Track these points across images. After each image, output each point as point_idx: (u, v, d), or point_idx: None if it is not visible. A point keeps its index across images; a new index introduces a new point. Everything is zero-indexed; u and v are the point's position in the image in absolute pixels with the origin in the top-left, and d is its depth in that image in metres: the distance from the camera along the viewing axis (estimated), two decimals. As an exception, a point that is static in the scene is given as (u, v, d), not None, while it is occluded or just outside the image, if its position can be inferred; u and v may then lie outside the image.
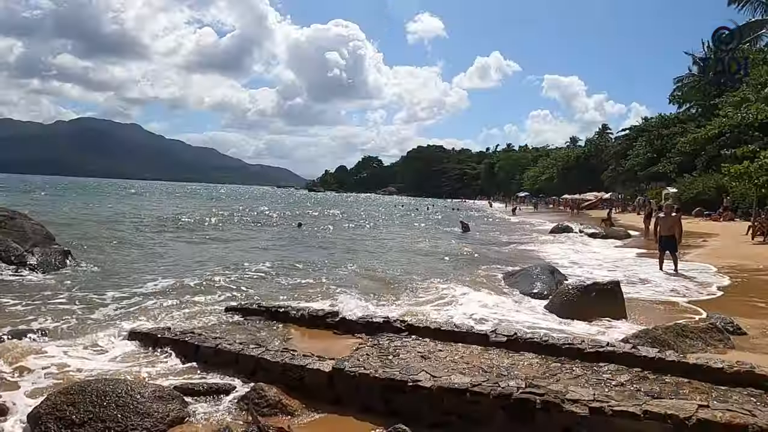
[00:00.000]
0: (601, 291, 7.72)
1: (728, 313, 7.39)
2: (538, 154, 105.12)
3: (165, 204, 42.66)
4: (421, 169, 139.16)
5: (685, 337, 5.72)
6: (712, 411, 3.15)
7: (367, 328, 5.60)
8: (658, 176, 43.02)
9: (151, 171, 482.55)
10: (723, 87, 40.72)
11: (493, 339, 5.00)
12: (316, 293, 8.58)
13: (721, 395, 3.80)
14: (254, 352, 4.55)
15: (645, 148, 48.20)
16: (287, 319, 6.12)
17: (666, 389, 3.93)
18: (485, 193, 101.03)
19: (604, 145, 72.14)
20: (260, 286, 9.12)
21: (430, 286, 9.39)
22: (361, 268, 11.74)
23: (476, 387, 3.63)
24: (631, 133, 57.34)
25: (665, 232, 11.71)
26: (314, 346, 5.27)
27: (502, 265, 12.55)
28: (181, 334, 5.19)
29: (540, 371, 4.35)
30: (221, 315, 6.55)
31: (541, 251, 16.94)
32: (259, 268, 10.86)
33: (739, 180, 20.68)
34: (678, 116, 48.87)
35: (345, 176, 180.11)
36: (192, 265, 11.15)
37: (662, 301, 8.66)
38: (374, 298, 8.28)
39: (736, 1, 35.89)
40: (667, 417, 3.12)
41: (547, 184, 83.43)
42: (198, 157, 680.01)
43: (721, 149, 31.20)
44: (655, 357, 4.35)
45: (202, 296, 7.92)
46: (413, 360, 4.58)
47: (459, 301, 8.28)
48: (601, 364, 4.44)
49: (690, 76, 48.39)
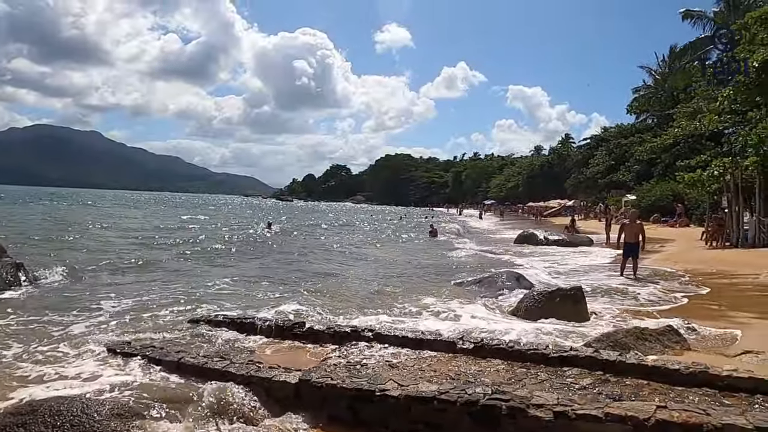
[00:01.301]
0: (564, 296, 7.91)
1: (684, 316, 7.69)
2: (503, 162, 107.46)
3: (128, 213, 41.40)
4: (389, 177, 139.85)
5: (645, 340, 5.90)
6: (670, 411, 3.25)
7: (334, 337, 5.55)
8: (618, 184, 44.53)
9: (113, 180, 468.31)
10: (677, 98, 42.67)
11: (461, 346, 5.04)
12: (284, 304, 8.45)
13: (678, 395, 3.93)
14: (218, 365, 4.45)
15: (605, 157, 49.86)
16: (253, 330, 6.00)
17: (627, 391, 4.03)
18: (453, 201, 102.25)
19: (567, 153, 74.27)
20: (226, 298, 8.92)
21: (398, 295, 9.39)
22: (331, 279, 11.65)
23: (443, 395, 3.64)
24: (591, 142, 59.27)
25: (630, 239, 12.02)
26: (281, 357, 5.19)
27: (468, 273, 12.68)
28: (142, 348, 5.03)
29: (506, 377, 4.40)
30: (185, 328, 6.38)
31: (507, 258, 17.22)
32: (225, 281, 10.64)
33: (693, 187, 21.60)
34: (635, 126, 50.84)
35: (313, 185, 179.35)
36: (153, 277, 10.84)
37: (623, 304, 8.91)
38: (342, 309, 8.21)
39: (688, 17, 37.73)
40: (628, 418, 3.20)
41: (512, 192, 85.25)
42: (162, 165, 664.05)
43: (676, 158, 32.56)
44: (616, 360, 4.46)
45: (165, 309, 7.68)
46: (381, 369, 4.57)
47: (426, 309, 8.30)
48: (565, 369, 4.53)
49: (646, 88, 50.49)
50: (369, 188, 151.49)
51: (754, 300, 9.05)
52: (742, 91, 17.52)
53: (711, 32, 37.05)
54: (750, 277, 11.14)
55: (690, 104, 36.08)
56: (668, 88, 45.19)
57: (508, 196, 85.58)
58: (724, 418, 3.14)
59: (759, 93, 17.08)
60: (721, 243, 17.89)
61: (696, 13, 37.41)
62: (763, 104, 17.25)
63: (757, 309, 8.11)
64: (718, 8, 35.96)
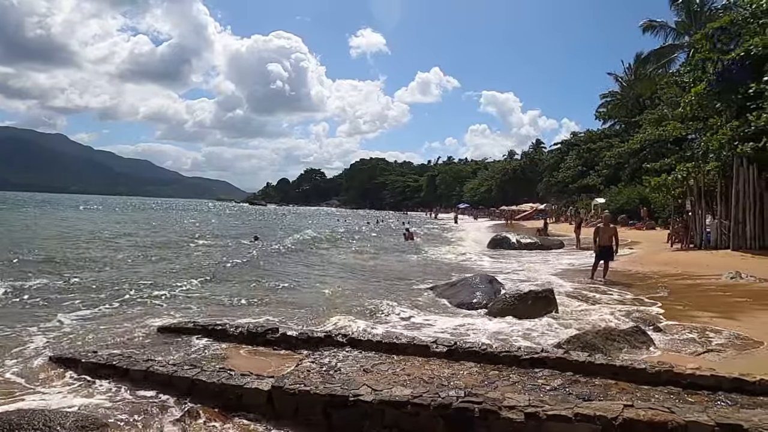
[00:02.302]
0: (536, 298, 8.06)
1: (651, 316, 7.92)
2: (477, 166, 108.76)
3: (92, 217, 40.27)
4: (364, 181, 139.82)
5: (613, 340, 6.04)
6: (636, 410, 3.33)
7: (308, 343, 5.51)
8: (588, 188, 45.60)
9: (79, 184, 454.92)
10: (643, 105, 44.04)
11: (434, 349, 5.07)
12: (256, 311, 8.34)
13: (644, 394, 4.05)
14: (188, 373, 4.36)
15: (575, 161, 51.00)
16: (225, 337, 5.91)
17: (596, 391, 4.13)
18: (427, 205, 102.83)
19: (539, 158, 75.65)
20: (196, 305, 8.75)
21: (371, 301, 9.38)
22: (303, 285, 11.55)
23: (417, 399, 3.65)
24: (562, 147, 60.52)
25: (604, 242, 12.23)
26: (253, 364, 5.12)
27: (442, 276, 12.76)
28: (109, 357, 4.88)
29: (479, 380, 4.44)
30: (154, 335, 6.23)
31: (480, 261, 17.40)
32: (195, 286, 10.44)
33: (658, 191, 22.27)
34: (604, 131, 52.21)
35: (287, 189, 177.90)
36: (120, 283, 10.53)
37: (592, 306, 9.10)
38: (314, 315, 8.14)
39: (650, 29, 39.02)
40: (596, 418, 3.27)
41: (486, 196, 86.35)
42: (131, 169, 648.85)
43: (642, 162, 33.54)
44: (585, 361, 4.56)
45: (132, 316, 7.50)
46: (355, 374, 4.56)
47: (400, 314, 8.32)
48: (536, 370, 4.60)
49: (613, 95, 51.92)
50: (344, 192, 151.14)
51: (716, 300, 9.37)
52: (703, 97, 18.18)
53: (673, 41, 38.56)
54: (713, 278, 11.53)
55: (655, 111, 37.24)
56: (634, 95, 46.56)
57: (482, 200, 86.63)
58: (688, 415, 3.23)
59: (719, 100, 17.74)
60: (686, 245, 18.49)
61: (658, 24, 38.71)
62: (723, 111, 17.91)
63: (719, 309, 8.40)
64: (680, 18, 37.27)
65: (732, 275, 11.25)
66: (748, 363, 5.31)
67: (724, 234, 16.85)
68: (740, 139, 16.02)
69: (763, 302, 8.82)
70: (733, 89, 16.67)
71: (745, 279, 10.95)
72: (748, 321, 7.43)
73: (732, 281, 10.96)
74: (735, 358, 5.62)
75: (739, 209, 16.21)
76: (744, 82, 15.80)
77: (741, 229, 16.18)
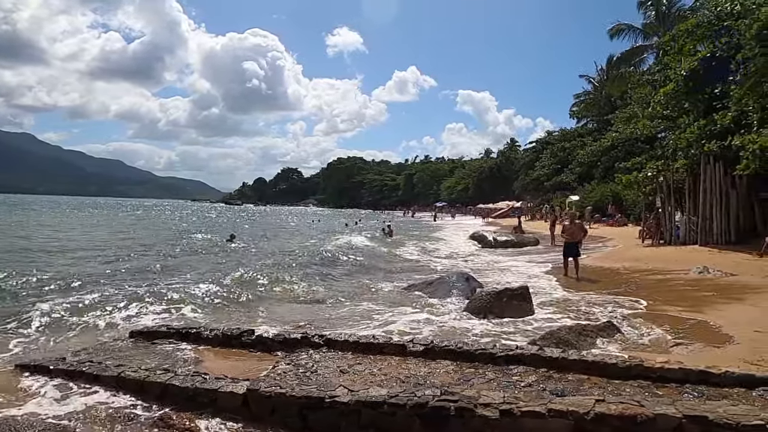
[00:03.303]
0: (512, 295, 8.16)
1: (623, 311, 8.10)
2: (454, 165, 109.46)
3: (57, 217, 39.19)
4: (342, 180, 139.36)
5: (586, 336, 6.17)
6: (608, 404, 3.40)
7: (284, 344, 5.47)
8: (563, 185, 46.36)
9: (48, 184, 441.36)
10: (614, 104, 45.00)
11: (411, 349, 5.08)
12: (232, 312, 8.25)
13: (616, 388, 4.14)
14: (161, 378, 4.28)
15: (550, 160, 51.81)
16: (199, 340, 5.82)
17: (569, 386, 4.20)
18: (405, 204, 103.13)
19: (514, 156, 76.59)
20: (170, 307, 8.59)
21: (348, 300, 9.37)
22: (280, 286, 11.46)
23: (393, 398, 3.66)
24: (537, 146, 61.39)
25: (571, 239, 12.51)
26: (228, 367, 5.06)
27: (420, 274, 12.82)
28: (78, 363, 4.76)
29: (455, 378, 4.48)
30: (126, 340, 6.09)
31: (459, 259, 17.53)
32: (172, 289, 10.25)
33: (630, 188, 22.81)
34: (578, 130, 53.18)
35: (264, 188, 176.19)
36: (86, 285, 10.25)
37: (566, 302, 9.27)
38: (290, 316, 8.10)
39: (618, 33, 39.93)
40: (569, 413, 3.33)
41: (463, 194, 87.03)
42: (102, 169, 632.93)
43: (615, 161, 34.27)
44: (559, 357, 4.64)
45: (102, 320, 7.31)
46: (332, 375, 4.54)
47: (377, 313, 8.33)
48: (511, 367, 4.66)
49: (586, 94, 52.94)
50: (321, 191, 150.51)
51: (685, 294, 9.63)
52: (672, 97, 18.68)
53: (642, 42, 39.51)
54: (681, 273, 11.85)
55: (626, 110, 38.08)
56: (606, 94, 47.53)
57: (459, 198, 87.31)
58: (657, 408, 3.32)
59: (687, 100, 18.26)
60: (656, 241, 18.97)
61: (626, 26, 39.59)
62: (691, 110, 18.44)
63: (688, 303, 8.64)
64: (648, 21, 38.17)
65: (700, 270, 11.58)
66: (714, 356, 5.49)
67: (692, 230, 17.34)
68: (707, 137, 16.51)
69: (729, 296, 9.10)
70: (699, 89, 17.17)
71: (712, 273, 11.28)
72: (714, 314, 7.66)
73: (700, 276, 11.28)
74: (702, 351, 5.79)
75: (706, 206, 16.71)
76: (710, 83, 16.28)
77: (708, 225, 16.69)
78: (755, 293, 9.07)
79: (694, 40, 18.09)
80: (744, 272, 11.28)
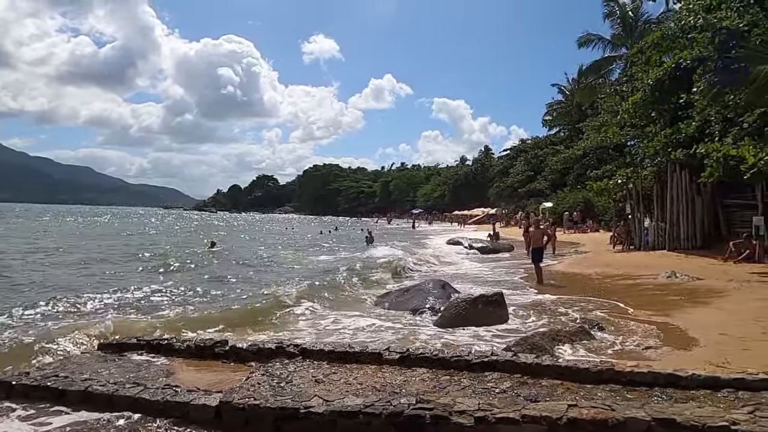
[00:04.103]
0: (487, 302, 8.24)
1: (595, 316, 8.25)
2: (430, 172, 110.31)
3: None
4: (318, 187, 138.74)
5: (559, 341, 6.27)
6: (580, 409, 3.45)
7: (258, 355, 5.39)
8: (536, 192, 47.22)
9: (12, 192, 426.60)
10: (585, 113, 46.11)
11: (387, 357, 5.07)
12: (202, 323, 8.09)
13: (588, 393, 4.20)
14: (131, 392, 4.16)
15: (523, 167, 52.75)
16: (171, 351, 5.69)
17: (543, 392, 4.25)
18: (381, 211, 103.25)
19: (489, 164, 77.65)
20: (139, 318, 8.38)
21: (324, 308, 9.31)
22: (255, 293, 11.31)
23: (369, 408, 3.64)
24: (511, 153, 62.46)
25: (535, 245, 12.73)
26: (201, 379, 4.95)
27: (395, 281, 12.83)
28: (42, 378, 4.59)
29: (431, 385, 4.48)
30: (94, 353, 5.91)
31: (434, 266, 17.62)
32: (135, 297, 10.02)
33: (601, 195, 23.36)
34: (550, 138, 54.28)
35: (239, 196, 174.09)
36: (51, 294, 9.91)
37: (540, 307, 9.40)
38: (265, 326, 7.99)
39: (585, 44, 40.95)
40: (542, 419, 3.36)
41: (439, 201, 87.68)
42: (70, 176, 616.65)
43: (586, 168, 35.04)
44: (533, 363, 4.70)
45: (68, 333, 7.05)
46: (307, 385, 4.50)
47: (353, 322, 8.30)
48: (486, 374, 4.69)
49: (558, 103, 54.12)
50: (297, 199, 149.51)
51: (654, 299, 9.89)
52: (639, 106, 19.26)
53: (611, 52, 40.62)
54: (650, 278, 12.17)
55: (596, 118, 39.05)
56: (577, 103, 48.67)
57: (435, 204, 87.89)
58: (627, 411, 3.39)
59: (654, 109, 18.84)
60: (626, 246, 19.44)
61: (595, 37, 40.65)
62: (657, 119, 19.02)
63: (657, 307, 8.87)
64: (616, 32, 39.24)
65: (668, 275, 11.91)
66: (682, 359, 5.64)
67: (660, 236, 17.84)
68: (673, 145, 17.05)
69: (695, 300, 9.38)
70: (666, 99, 17.74)
71: (679, 278, 11.61)
72: (682, 318, 7.88)
73: (668, 280, 11.60)
74: (670, 354, 5.94)
75: (673, 212, 17.22)
76: (675, 93, 16.85)
77: (676, 230, 17.20)
78: (720, 297, 9.37)
79: (660, 52, 18.70)
80: (709, 276, 11.65)
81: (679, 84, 16.51)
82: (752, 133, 13.56)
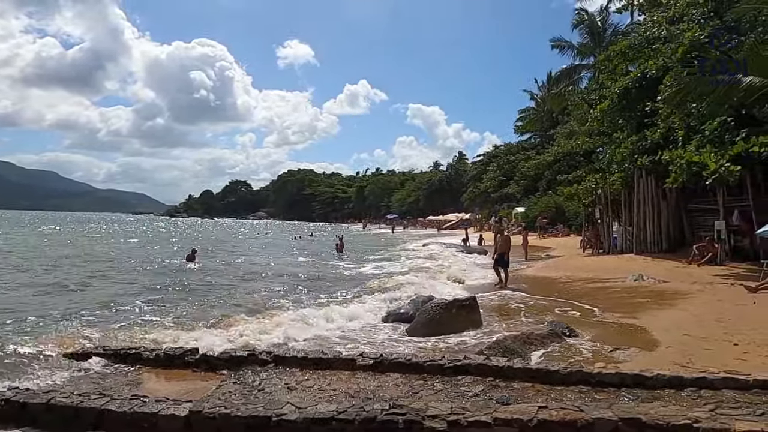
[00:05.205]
0: (461, 306, 8.30)
1: (565, 319, 8.41)
2: (405, 177, 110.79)
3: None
4: (292, 193, 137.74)
5: (531, 344, 6.37)
6: (549, 411, 3.51)
7: (230, 363, 5.31)
8: (509, 197, 47.95)
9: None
10: (555, 119, 47.14)
11: (360, 363, 5.06)
12: (171, 330, 7.91)
13: (558, 395, 4.28)
14: (96, 403, 4.03)
15: (496, 172, 53.49)
16: (139, 360, 5.55)
17: (514, 395, 4.31)
18: (356, 216, 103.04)
19: (463, 169, 78.48)
20: (103, 326, 8.12)
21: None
22: (225, 298, 11.14)
23: (342, 414, 3.62)
24: (484, 159, 63.27)
25: (500, 250, 12.94)
26: (171, 388, 4.86)
27: (368, 288, 12.81)
28: (1, 391, 4.42)
29: (404, 390, 4.49)
30: (58, 364, 5.71)
31: (408, 271, 17.65)
32: (108, 306, 9.75)
33: (571, 200, 23.87)
34: (522, 144, 55.25)
35: (211, 201, 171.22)
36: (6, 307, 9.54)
37: (510, 311, 9.53)
38: (237, 332, 7.86)
39: (559, 47, 41.95)
40: (513, 421, 3.41)
41: (414, 206, 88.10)
42: (34, 181, 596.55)
43: (557, 173, 35.76)
44: (505, 366, 4.75)
45: (28, 343, 6.77)
46: (279, 392, 4.45)
47: (327, 329, 8.26)
48: (459, 378, 4.73)
49: (529, 110, 55.16)
50: (271, 204, 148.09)
51: (622, 301, 10.14)
52: (607, 114, 19.80)
53: (580, 61, 41.66)
54: (619, 281, 12.46)
55: (567, 125, 39.96)
56: (547, 110, 49.71)
57: (410, 210, 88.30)
58: (595, 412, 3.46)
59: (621, 116, 19.39)
60: (596, 250, 19.90)
61: (565, 44, 41.68)
62: (624, 126, 19.58)
63: (625, 309, 9.09)
64: (584, 41, 40.27)
65: (635, 277, 12.22)
66: (648, 359, 5.79)
67: (628, 239, 18.32)
68: (639, 152, 17.56)
69: (661, 301, 9.65)
70: (632, 107, 18.28)
71: (646, 281, 11.93)
72: (648, 319, 8.09)
73: (635, 283, 11.90)
74: (637, 355, 6.09)
75: (640, 216, 17.73)
76: (641, 101, 17.38)
77: (642, 234, 17.69)
78: (684, 299, 9.66)
79: (626, 61, 19.27)
80: (675, 279, 12.01)
81: (645, 92, 17.03)
82: (713, 141, 14.07)
